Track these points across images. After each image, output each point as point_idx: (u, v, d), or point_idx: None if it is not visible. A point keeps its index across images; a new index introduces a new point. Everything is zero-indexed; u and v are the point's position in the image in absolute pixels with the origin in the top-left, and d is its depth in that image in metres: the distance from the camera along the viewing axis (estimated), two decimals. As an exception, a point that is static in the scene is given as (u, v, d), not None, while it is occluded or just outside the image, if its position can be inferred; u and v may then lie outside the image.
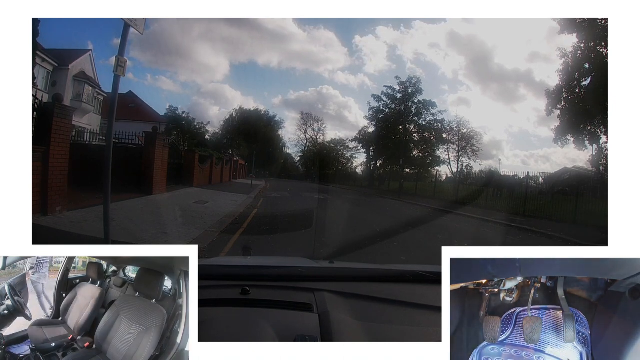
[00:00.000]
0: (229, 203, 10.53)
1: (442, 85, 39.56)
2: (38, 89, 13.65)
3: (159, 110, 27.76)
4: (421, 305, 1.47)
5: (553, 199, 15.11)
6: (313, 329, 1.27)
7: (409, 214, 12.53)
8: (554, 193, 17.16)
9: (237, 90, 41.16)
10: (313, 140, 33.89)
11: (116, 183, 4.40)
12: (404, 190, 22.73)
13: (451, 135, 27.42)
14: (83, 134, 15.73)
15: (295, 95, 41.96)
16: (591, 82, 17.27)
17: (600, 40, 15.80)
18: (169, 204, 9.14)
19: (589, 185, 16.57)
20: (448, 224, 10.06)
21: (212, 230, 6.44)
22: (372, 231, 7.52)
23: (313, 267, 1.90)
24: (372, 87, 37.49)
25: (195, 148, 17.76)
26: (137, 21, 4.02)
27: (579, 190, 13.74)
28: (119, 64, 4.10)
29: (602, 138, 17.86)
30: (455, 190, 20.21)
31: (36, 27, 7.31)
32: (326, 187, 23.74)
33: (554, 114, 19.13)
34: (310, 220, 7.91)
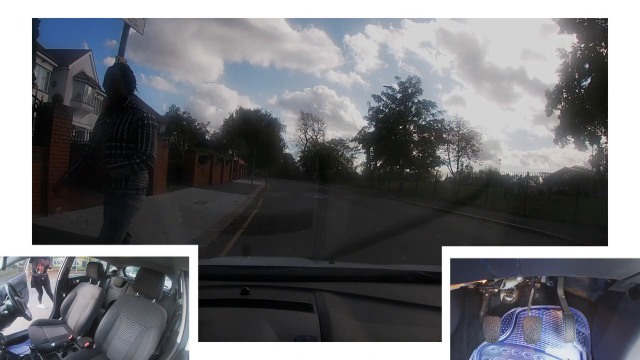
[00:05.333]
0: (229, 203, 10.53)
1: (436, 84, 39.35)
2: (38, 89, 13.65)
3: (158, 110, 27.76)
4: (421, 305, 1.47)
5: (553, 199, 15.11)
6: (313, 329, 1.27)
7: (409, 214, 12.53)
8: (553, 193, 17.18)
9: (234, 90, 41.17)
10: (313, 140, 33.91)
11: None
12: (404, 190, 22.73)
13: (451, 136, 27.41)
14: (83, 134, 15.71)
15: (291, 95, 41.88)
16: (591, 82, 17.28)
17: (600, 40, 15.80)
18: (169, 204, 9.14)
19: (588, 185, 16.59)
20: (448, 224, 10.06)
21: (212, 230, 6.44)
22: (372, 231, 7.51)
23: (313, 267, 1.90)
24: (365, 86, 37.23)
25: (195, 148, 17.76)
26: (137, 21, 4.03)
27: (579, 190, 13.75)
28: (119, 64, 4.11)
29: (602, 138, 17.86)
30: (455, 190, 20.22)
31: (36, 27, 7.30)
32: (326, 187, 23.73)
33: (554, 114, 19.15)
34: (310, 220, 7.90)
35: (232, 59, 36.63)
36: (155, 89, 34.64)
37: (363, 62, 39.59)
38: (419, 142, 27.94)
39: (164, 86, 36.86)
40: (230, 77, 35.38)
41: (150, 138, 2.51)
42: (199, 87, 37.55)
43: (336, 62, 38.77)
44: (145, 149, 2.49)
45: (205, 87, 37.76)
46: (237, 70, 34.93)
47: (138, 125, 2.50)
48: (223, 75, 34.80)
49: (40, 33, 7.55)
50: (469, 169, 27.88)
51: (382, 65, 34.76)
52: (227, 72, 34.93)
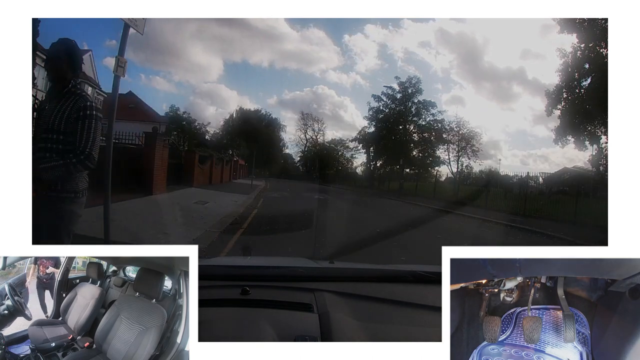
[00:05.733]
0: (229, 203, 10.53)
1: (435, 84, 39.37)
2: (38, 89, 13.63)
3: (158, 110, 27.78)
4: (421, 305, 1.47)
5: (553, 199, 15.11)
6: (313, 329, 1.27)
7: (409, 214, 12.53)
8: (553, 193, 17.18)
9: (233, 89, 41.24)
10: (313, 140, 33.91)
11: (116, 183, 4.40)
12: (404, 190, 22.73)
13: (451, 136, 27.42)
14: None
15: (290, 95, 41.95)
16: (591, 82, 17.28)
17: (600, 40, 15.80)
18: (169, 204, 9.14)
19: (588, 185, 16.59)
20: (448, 224, 10.07)
21: (212, 230, 6.44)
22: (372, 231, 7.52)
23: (313, 267, 1.90)
24: (365, 86, 37.36)
25: (195, 148, 17.76)
26: (137, 21, 4.03)
27: (579, 190, 13.75)
28: (118, 64, 4.11)
29: (602, 138, 17.86)
30: (455, 190, 20.22)
31: (36, 27, 7.30)
32: (326, 187, 23.73)
33: (554, 114, 19.15)
34: (310, 220, 7.90)
35: (232, 59, 36.72)
36: (155, 89, 34.76)
37: (362, 62, 39.70)
38: (419, 142, 27.95)
39: (163, 86, 36.99)
40: (230, 77, 35.50)
41: (91, 133, 2.11)
42: (199, 87, 37.67)
43: (336, 62, 38.92)
44: (84, 146, 2.09)
45: (205, 87, 37.86)
46: (237, 70, 35.03)
47: (78, 117, 2.10)
48: (223, 75, 34.92)
49: (40, 33, 7.56)
50: (469, 169, 27.91)
51: (381, 65, 34.87)
52: (227, 72, 35.01)
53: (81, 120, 2.10)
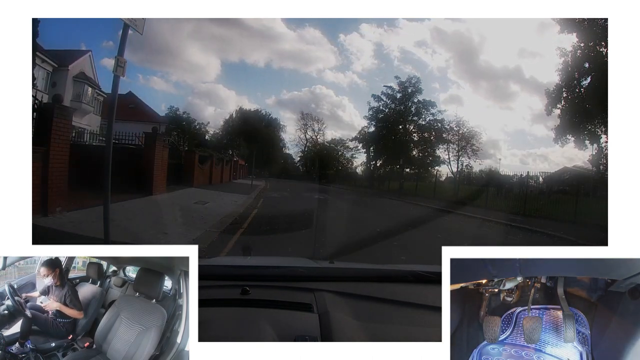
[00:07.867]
0: (229, 203, 10.53)
1: (432, 83, 39.44)
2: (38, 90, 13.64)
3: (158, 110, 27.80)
4: (421, 305, 1.47)
5: (553, 198, 15.11)
6: (313, 329, 1.27)
7: (409, 214, 12.53)
8: (553, 192, 17.17)
9: (231, 89, 41.35)
10: (313, 140, 33.92)
11: (116, 183, 4.40)
12: (404, 190, 22.73)
13: (451, 135, 27.41)
14: (83, 134, 15.73)
15: (289, 95, 41.98)
16: (591, 81, 17.26)
17: (600, 40, 15.79)
18: (168, 204, 9.14)
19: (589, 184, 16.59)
20: (448, 224, 10.06)
21: (212, 230, 6.44)
22: (372, 231, 7.52)
23: (313, 267, 1.90)
24: (362, 85, 37.42)
25: (195, 148, 17.76)
26: (137, 21, 4.02)
27: (579, 189, 13.75)
28: (118, 64, 4.10)
29: (602, 137, 17.84)
30: (455, 190, 20.21)
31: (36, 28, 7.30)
32: (326, 187, 23.74)
33: (554, 114, 19.13)
34: (310, 220, 7.91)
35: (229, 59, 36.93)
36: (153, 89, 34.79)
37: (359, 62, 39.72)
38: (419, 141, 27.95)
39: (162, 86, 37.03)
40: (227, 77, 35.65)
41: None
42: (197, 87, 37.79)
43: (332, 61, 38.94)
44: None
45: (203, 87, 37.94)
46: (235, 70, 35.16)
47: None
48: (220, 75, 35.08)
49: (40, 33, 7.58)
50: (469, 169, 27.92)
51: (378, 65, 34.95)
52: (225, 72, 35.12)
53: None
